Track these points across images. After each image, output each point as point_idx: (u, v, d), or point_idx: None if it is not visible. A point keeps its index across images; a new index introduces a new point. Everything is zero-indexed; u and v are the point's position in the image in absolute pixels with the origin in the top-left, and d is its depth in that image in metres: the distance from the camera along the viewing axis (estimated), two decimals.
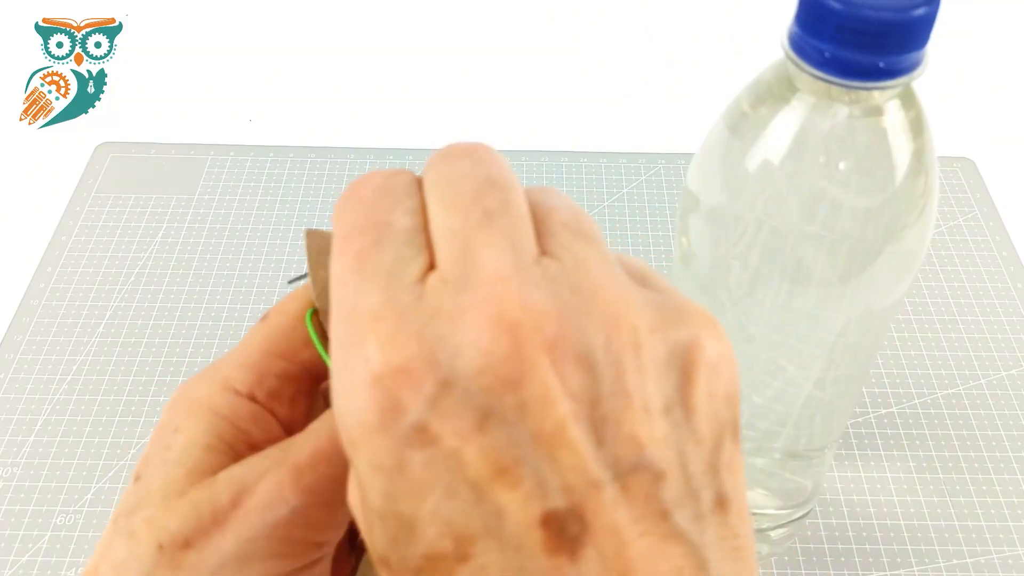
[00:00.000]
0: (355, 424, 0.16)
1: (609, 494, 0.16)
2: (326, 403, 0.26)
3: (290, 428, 0.23)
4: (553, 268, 0.17)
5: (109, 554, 0.21)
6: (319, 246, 0.24)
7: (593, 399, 0.16)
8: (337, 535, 0.23)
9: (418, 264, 0.18)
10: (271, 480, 0.21)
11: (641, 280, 0.19)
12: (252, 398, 0.23)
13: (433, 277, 0.17)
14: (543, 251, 0.18)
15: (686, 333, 0.18)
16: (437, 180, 0.19)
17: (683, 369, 0.18)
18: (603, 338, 0.17)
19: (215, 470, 0.21)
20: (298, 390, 0.24)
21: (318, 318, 0.24)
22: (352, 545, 0.25)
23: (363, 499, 0.17)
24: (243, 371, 0.23)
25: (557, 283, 0.17)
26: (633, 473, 0.16)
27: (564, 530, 0.16)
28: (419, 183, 0.20)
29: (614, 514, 0.16)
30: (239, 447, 0.22)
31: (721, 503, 0.18)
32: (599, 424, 0.16)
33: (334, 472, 0.21)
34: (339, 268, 0.18)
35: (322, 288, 0.23)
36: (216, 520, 0.20)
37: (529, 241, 0.18)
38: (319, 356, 0.24)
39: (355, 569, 0.25)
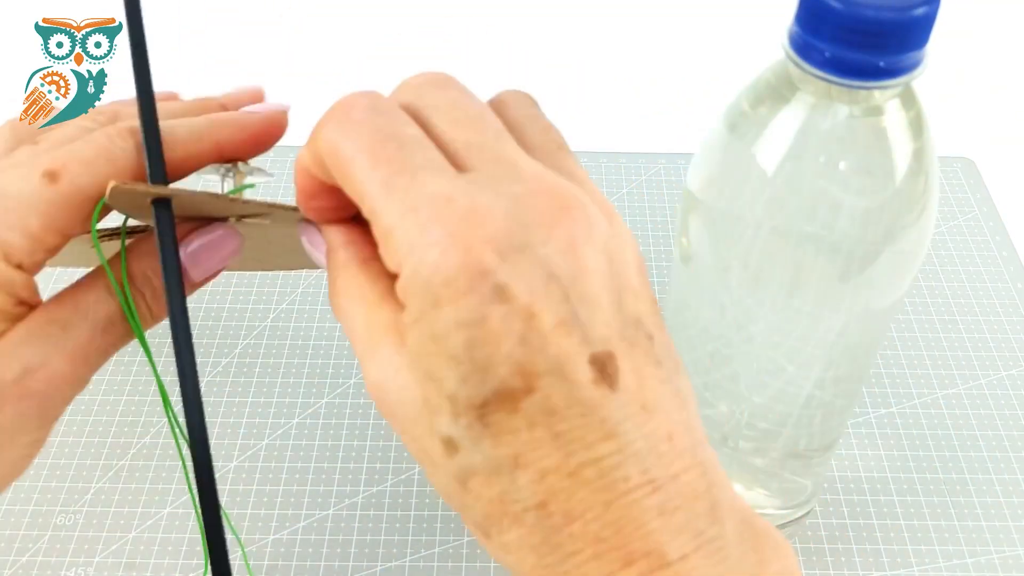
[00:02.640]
0: (443, 287, 0.19)
1: (628, 345, 0.20)
2: None
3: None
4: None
5: None
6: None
7: (614, 272, 0.21)
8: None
9: (447, 164, 0.21)
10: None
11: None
12: (20, 267, 0.26)
13: (474, 174, 0.20)
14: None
15: None
16: (438, 106, 0.22)
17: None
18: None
19: None
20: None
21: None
22: None
23: (435, 346, 0.20)
24: (23, 242, 0.25)
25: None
26: (636, 332, 0.21)
27: (605, 368, 0.20)
28: (399, 105, 0.22)
29: (634, 360, 0.20)
30: (9, 309, 0.26)
31: (668, 351, 0.22)
32: (619, 293, 0.21)
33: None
34: (378, 178, 0.20)
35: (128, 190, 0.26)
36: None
37: (517, 148, 0.22)
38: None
39: None
